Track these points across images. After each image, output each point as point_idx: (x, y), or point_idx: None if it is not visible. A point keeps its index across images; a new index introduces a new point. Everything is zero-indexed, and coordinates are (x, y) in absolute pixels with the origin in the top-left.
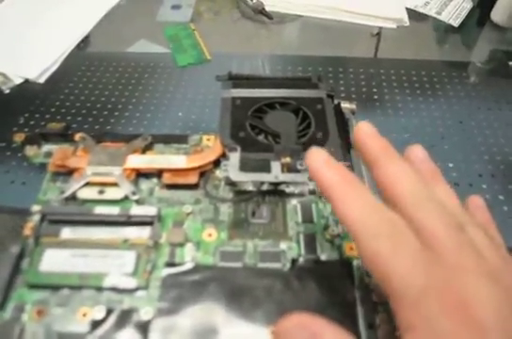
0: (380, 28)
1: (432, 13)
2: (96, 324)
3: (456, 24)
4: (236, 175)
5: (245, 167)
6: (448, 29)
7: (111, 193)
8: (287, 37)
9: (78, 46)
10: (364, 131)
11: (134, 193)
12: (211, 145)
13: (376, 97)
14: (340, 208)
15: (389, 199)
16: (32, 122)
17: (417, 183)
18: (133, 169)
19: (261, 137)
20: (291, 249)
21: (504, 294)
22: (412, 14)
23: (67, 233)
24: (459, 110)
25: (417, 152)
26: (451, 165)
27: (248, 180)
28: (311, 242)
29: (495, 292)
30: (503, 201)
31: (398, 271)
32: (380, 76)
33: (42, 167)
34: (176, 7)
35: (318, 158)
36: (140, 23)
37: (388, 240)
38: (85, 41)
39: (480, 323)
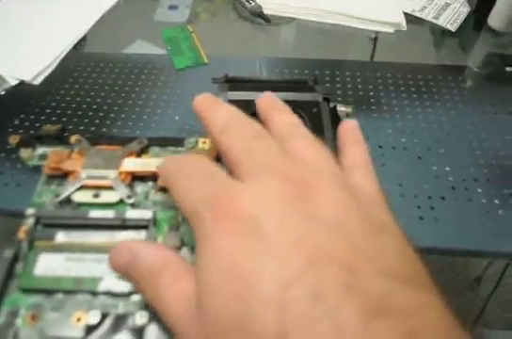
0: (377, 32)
1: (429, 18)
2: (91, 329)
3: (453, 28)
4: None
5: None
6: (445, 34)
7: (106, 196)
8: (284, 39)
9: (75, 47)
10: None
11: (129, 196)
12: (207, 148)
13: (372, 100)
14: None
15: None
16: (27, 124)
17: (228, 117)
18: (128, 173)
19: None
20: None
21: (283, 187)
22: (410, 18)
23: (61, 236)
24: (455, 114)
25: (263, 98)
26: (447, 169)
27: None
28: None
29: (270, 186)
30: (498, 205)
31: (182, 194)
32: (377, 80)
33: (37, 169)
34: (173, 7)
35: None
36: (137, 23)
37: (179, 173)
38: (81, 42)
39: (242, 216)
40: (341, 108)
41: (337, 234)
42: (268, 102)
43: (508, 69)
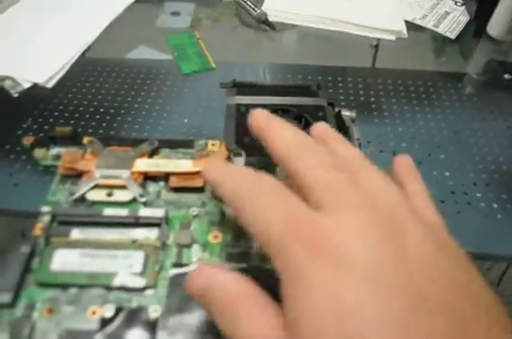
0: (379, 39)
1: (429, 26)
2: (105, 322)
3: (452, 36)
4: None
5: None
6: (445, 41)
7: (119, 195)
8: (287, 46)
9: (83, 53)
10: (256, 117)
11: (141, 195)
12: (216, 150)
13: (373, 106)
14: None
15: (276, 161)
16: (35, 127)
17: (294, 137)
18: (140, 173)
19: None
20: None
21: (373, 223)
22: (410, 26)
23: (76, 233)
24: (455, 120)
25: (318, 125)
26: (447, 174)
27: None
28: None
29: (359, 221)
30: (497, 210)
31: (259, 217)
32: (378, 86)
33: (47, 170)
34: (175, 13)
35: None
36: (140, 29)
37: (251, 192)
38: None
39: (341, 252)
40: (345, 113)
41: (435, 275)
42: (324, 131)
43: (507, 76)
